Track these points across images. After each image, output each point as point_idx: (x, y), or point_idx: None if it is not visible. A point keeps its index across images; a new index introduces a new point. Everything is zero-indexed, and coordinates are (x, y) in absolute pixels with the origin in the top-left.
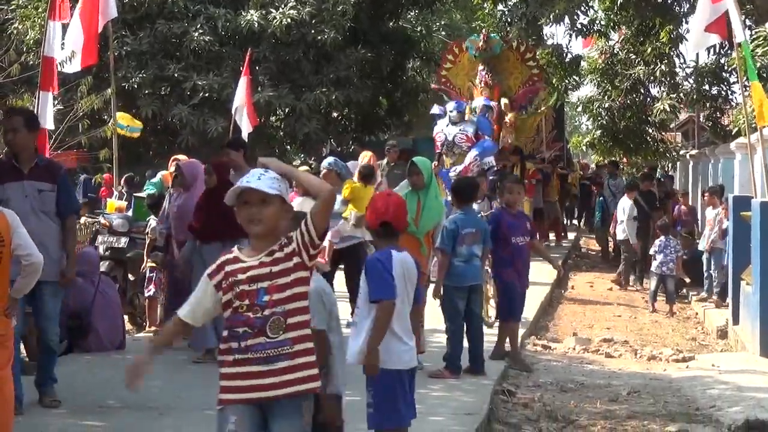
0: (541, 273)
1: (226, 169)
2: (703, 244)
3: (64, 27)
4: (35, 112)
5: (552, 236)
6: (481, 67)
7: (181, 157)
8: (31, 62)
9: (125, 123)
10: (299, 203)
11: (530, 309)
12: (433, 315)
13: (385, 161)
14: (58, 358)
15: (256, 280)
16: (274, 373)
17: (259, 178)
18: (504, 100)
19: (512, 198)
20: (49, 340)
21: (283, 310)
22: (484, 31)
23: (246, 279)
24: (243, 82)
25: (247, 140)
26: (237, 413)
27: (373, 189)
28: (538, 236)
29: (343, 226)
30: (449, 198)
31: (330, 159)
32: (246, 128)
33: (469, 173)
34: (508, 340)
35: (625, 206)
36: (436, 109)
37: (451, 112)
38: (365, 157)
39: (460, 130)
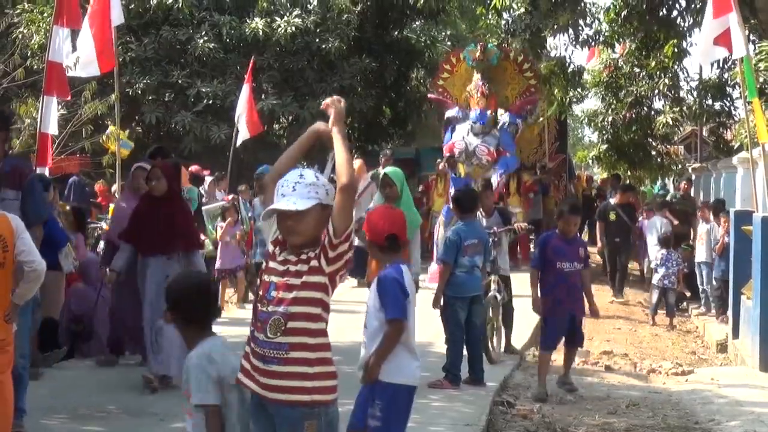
0: None
1: (177, 176)
2: (699, 257)
3: (74, 33)
4: (39, 116)
5: None
6: (477, 77)
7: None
8: (36, 67)
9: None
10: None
11: (531, 320)
12: (432, 325)
13: (380, 169)
14: (59, 363)
15: (272, 273)
16: (268, 374)
17: (294, 189)
18: (500, 111)
19: (567, 228)
20: (17, 363)
21: (285, 311)
22: (481, 42)
23: (268, 269)
24: (245, 90)
25: (246, 147)
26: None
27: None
28: (587, 264)
29: None
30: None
31: (267, 167)
32: (243, 135)
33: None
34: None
35: (657, 225)
36: (454, 112)
37: (474, 122)
38: (357, 166)
39: (482, 141)
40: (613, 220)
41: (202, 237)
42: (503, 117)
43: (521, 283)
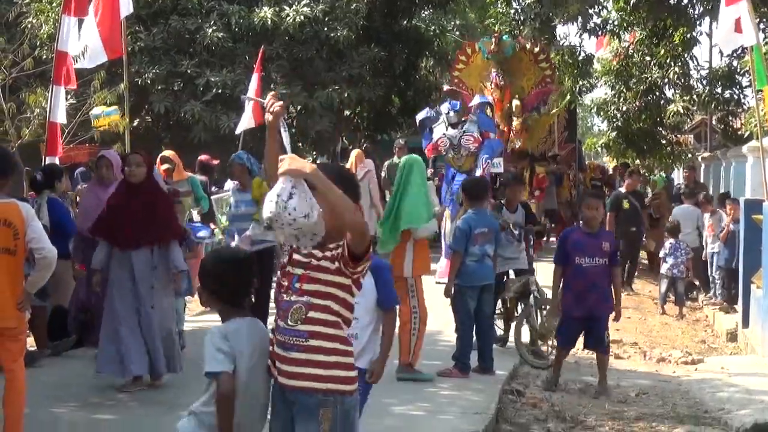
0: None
1: (151, 163)
2: (711, 247)
3: (81, 22)
4: (48, 106)
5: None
6: (493, 70)
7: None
8: (45, 57)
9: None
10: None
11: None
12: (443, 314)
13: (395, 159)
14: (68, 352)
15: (296, 265)
16: (288, 361)
17: (286, 209)
18: (516, 102)
19: (589, 214)
20: None
21: (307, 301)
22: (496, 33)
23: (292, 260)
24: (254, 79)
25: (254, 136)
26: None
27: None
28: (615, 260)
29: (253, 230)
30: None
31: (241, 153)
32: (247, 124)
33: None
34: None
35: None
36: (424, 113)
37: (447, 113)
38: (354, 155)
39: (463, 131)
40: (626, 208)
41: (212, 226)
42: (474, 99)
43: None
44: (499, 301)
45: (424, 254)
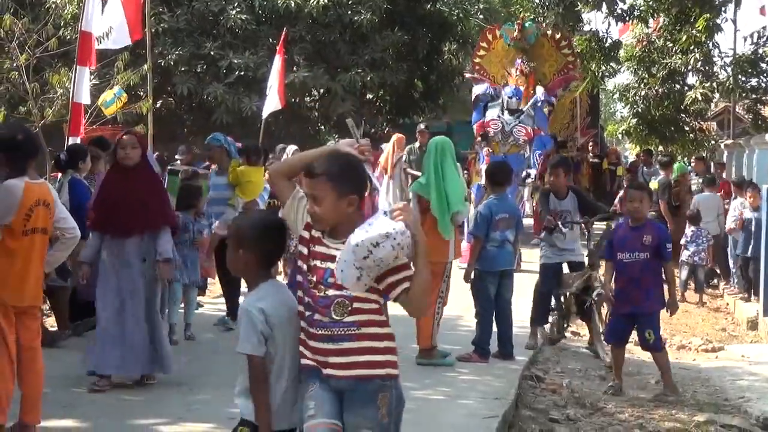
0: None
1: (146, 145)
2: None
3: (105, 2)
4: (72, 86)
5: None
6: (518, 57)
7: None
8: (69, 37)
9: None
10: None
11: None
12: (463, 300)
13: (417, 144)
14: (89, 332)
15: (327, 259)
16: (339, 353)
17: (371, 253)
18: (539, 89)
19: (630, 207)
20: None
21: (348, 295)
22: (519, 19)
23: (314, 253)
24: (277, 61)
25: (277, 120)
26: (316, 399)
27: (263, 170)
28: (662, 254)
29: (226, 216)
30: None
31: (218, 135)
32: (273, 106)
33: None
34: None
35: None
36: (482, 89)
37: (510, 98)
38: (394, 139)
39: (519, 121)
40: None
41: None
42: (536, 95)
43: None
44: (553, 298)
45: (457, 239)
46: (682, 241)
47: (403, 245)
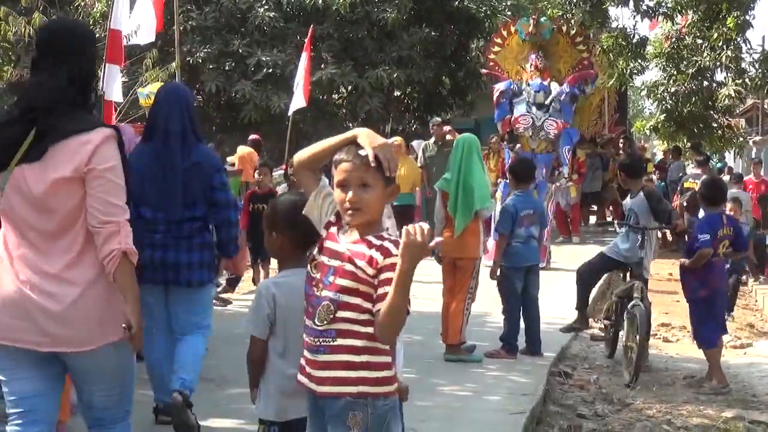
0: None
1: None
2: None
3: (133, 1)
4: (101, 84)
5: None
6: (532, 53)
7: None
8: (98, 35)
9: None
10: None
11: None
12: (489, 296)
13: (432, 139)
14: None
15: (332, 255)
16: (317, 366)
17: None
18: (554, 84)
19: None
20: None
21: (336, 298)
22: (533, 15)
23: (326, 249)
24: (303, 59)
25: (305, 117)
26: (309, 417)
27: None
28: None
29: None
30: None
31: None
32: (299, 103)
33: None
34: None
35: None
36: (505, 85)
37: (537, 92)
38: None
39: (549, 115)
40: None
41: None
42: (557, 88)
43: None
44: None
45: (483, 235)
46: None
47: None
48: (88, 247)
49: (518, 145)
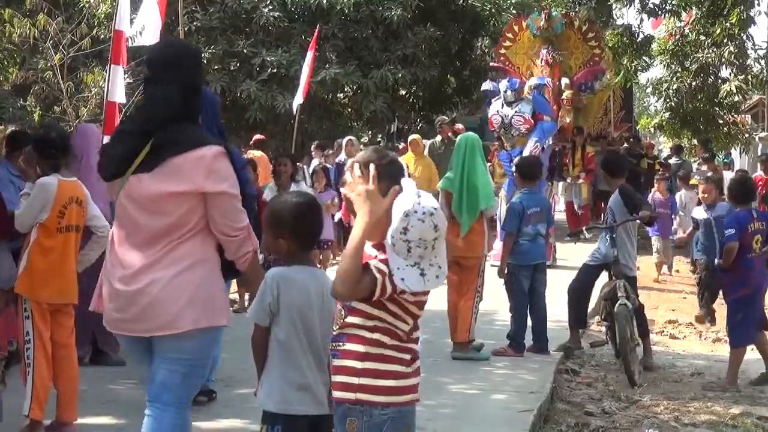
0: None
1: None
2: None
3: (136, 1)
4: (106, 85)
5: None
6: (543, 48)
7: None
8: (102, 36)
9: None
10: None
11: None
12: (497, 294)
13: (438, 138)
14: None
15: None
16: (333, 370)
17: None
18: (564, 80)
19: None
20: None
21: (348, 305)
22: (545, 10)
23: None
24: (308, 57)
25: (310, 116)
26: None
27: None
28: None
29: None
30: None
31: None
32: (298, 99)
33: None
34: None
35: None
36: (488, 85)
37: (505, 92)
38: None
39: (516, 111)
40: None
41: None
42: (531, 80)
43: (584, 253)
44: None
45: (489, 233)
46: None
47: (429, 215)
48: (184, 245)
49: (495, 144)
